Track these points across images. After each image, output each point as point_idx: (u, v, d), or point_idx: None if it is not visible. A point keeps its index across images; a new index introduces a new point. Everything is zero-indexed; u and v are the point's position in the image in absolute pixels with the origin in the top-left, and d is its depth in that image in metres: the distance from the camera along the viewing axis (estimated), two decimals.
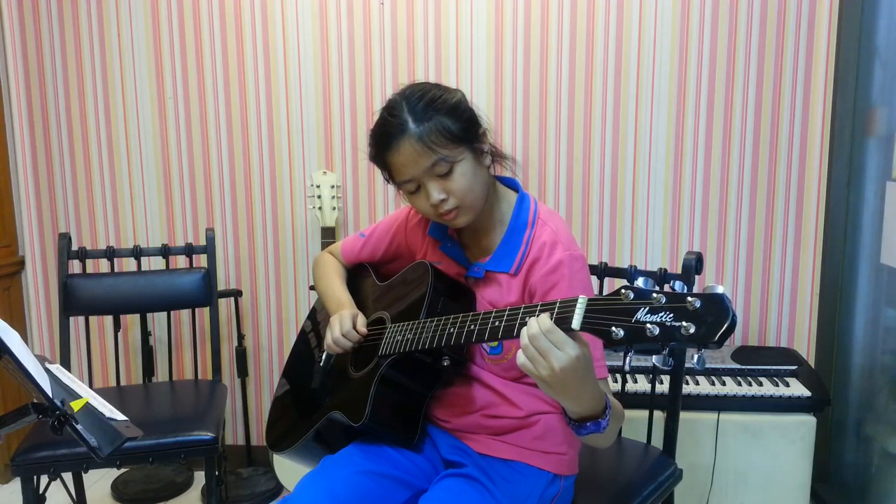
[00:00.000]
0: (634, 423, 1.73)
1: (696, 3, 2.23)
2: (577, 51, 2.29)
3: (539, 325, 0.96)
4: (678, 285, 0.88)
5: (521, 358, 0.97)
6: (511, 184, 1.35)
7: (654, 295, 0.87)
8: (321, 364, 1.44)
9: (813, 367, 2.27)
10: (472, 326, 1.10)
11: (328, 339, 1.34)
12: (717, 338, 0.81)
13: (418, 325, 1.22)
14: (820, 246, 2.29)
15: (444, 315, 1.21)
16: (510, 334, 1.04)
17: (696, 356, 0.87)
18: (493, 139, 1.30)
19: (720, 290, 0.83)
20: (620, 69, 2.29)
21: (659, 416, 1.64)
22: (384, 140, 1.21)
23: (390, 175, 1.25)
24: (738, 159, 2.29)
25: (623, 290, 0.90)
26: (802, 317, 2.33)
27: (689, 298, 0.84)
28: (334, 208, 2.28)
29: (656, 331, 0.85)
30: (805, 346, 2.34)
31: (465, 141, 1.20)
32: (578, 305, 0.95)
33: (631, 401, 1.82)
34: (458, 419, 1.31)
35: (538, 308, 1.01)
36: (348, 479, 1.21)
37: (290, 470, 2.24)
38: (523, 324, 1.00)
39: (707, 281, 2.33)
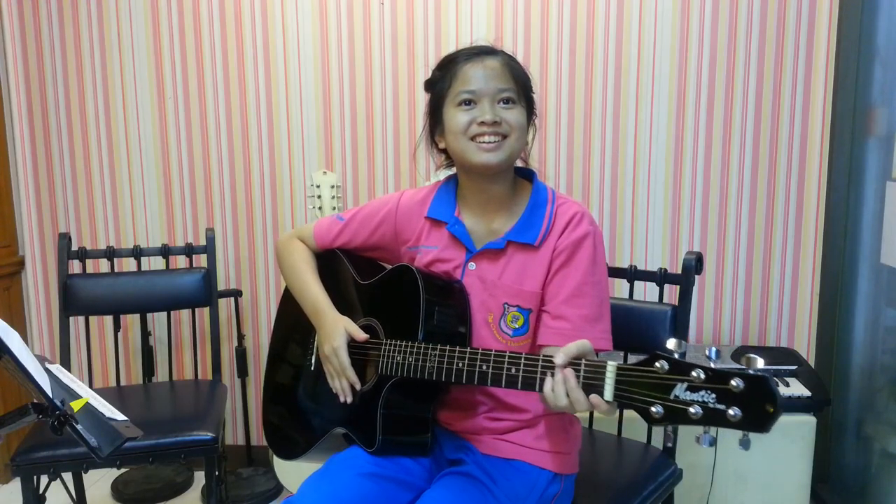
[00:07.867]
0: (634, 423, 1.72)
1: (696, 3, 2.23)
2: (577, 51, 2.29)
3: (566, 389, 0.98)
4: (713, 353, 0.84)
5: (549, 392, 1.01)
6: (527, 174, 1.35)
7: (693, 373, 0.83)
8: (311, 368, 1.40)
9: (813, 367, 2.27)
10: (485, 368, 1.08)
11: (330, 367, 1.30)
12: (767, 428, 0.78)
13: (419, 349, 1.18)
14: (820, 246, 2.29)
15: (440, 325, 1.19)
16: (530, 387, 1.02)
17: (740, 439, 0.83)
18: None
19: (760, 363, 0.80)
20: (620, 69, 2.29)
21: None
22: (471, 52, 1.25)
23: (449, 85, 1.25)
24: (738, 159, 2.29)
25: (657, 362, 0.86)
26: (802, 317, 2.33)
27: (733, 382, 0.79)
28: (334, 208, 2.28)
29: (699, 413, 0.82)
30: (805, 346, 2.34)
31: (528, 105, 1.27)
32: (608, 374, 0.93)
33: None
34: (460, 422, 1.31)
35: (555, 366, 0.99)
36: (352, 481, 1.20)
37: (290, 470, 2.24)
38: (543, 379, 1.01)
39: (707, 280, 2.33)
